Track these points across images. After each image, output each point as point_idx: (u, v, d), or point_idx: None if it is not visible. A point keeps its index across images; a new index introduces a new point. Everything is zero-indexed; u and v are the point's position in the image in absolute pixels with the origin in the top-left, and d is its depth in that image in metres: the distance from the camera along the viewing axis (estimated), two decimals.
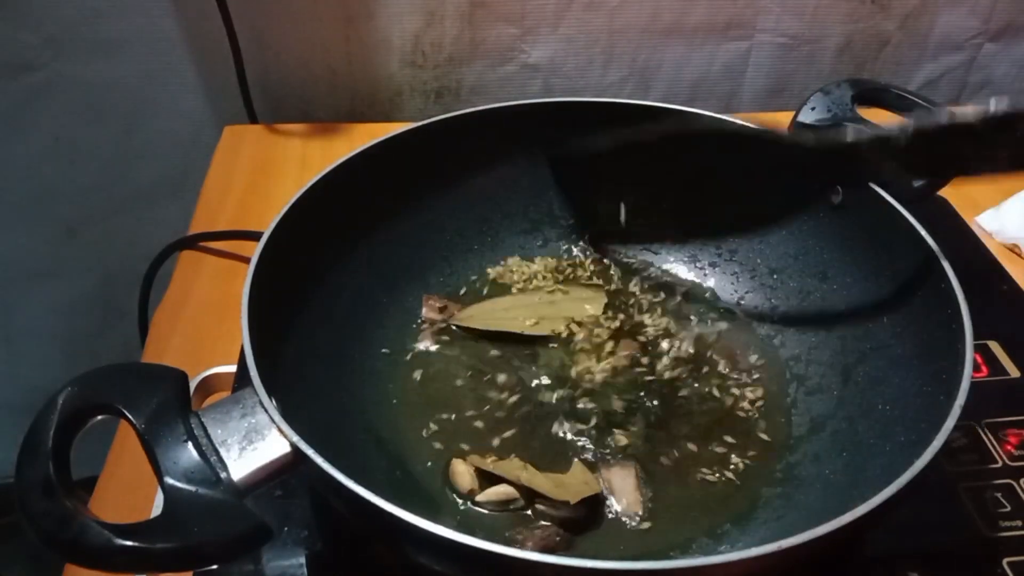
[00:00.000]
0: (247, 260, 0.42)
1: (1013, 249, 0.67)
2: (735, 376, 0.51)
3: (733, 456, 0.46)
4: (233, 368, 0.52)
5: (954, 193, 0.68)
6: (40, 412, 0.34)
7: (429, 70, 0.83)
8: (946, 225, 0.65)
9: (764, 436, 0.48)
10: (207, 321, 0.59)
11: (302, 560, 0.42)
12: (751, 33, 0.84)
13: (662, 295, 0.56)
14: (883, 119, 0.55)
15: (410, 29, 0.80)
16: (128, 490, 0.48)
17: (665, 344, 0.52)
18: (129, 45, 0.79)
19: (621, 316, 0.54)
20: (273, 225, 0.45)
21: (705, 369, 0.51)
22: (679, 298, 0.56)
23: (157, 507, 0.46)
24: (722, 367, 0.51)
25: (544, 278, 0.56)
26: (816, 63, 0.85)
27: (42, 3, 0.76)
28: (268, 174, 0.74)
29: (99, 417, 0.35)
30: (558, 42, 0.82)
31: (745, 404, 0.49)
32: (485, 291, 0.56)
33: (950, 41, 0.87)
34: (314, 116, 0.84)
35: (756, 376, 0.51)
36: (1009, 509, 0.46)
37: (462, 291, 0.56)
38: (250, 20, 0.77)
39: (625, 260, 0.58)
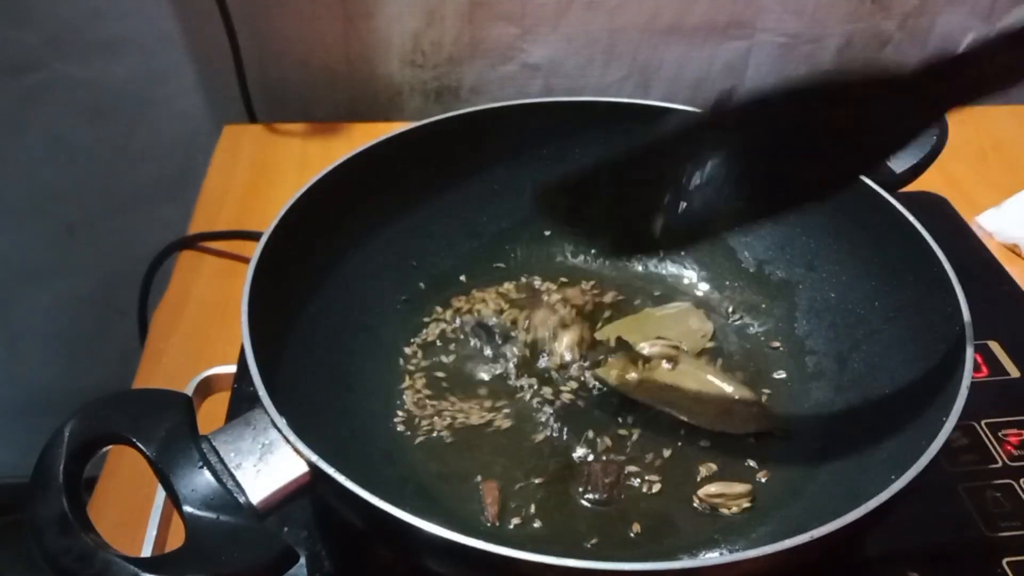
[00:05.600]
0: (247, 260, 0.42)
1: (1013, 249, 0.67)
2: (728, 368, 0.51)
3: (734, 449, 0.46)
4: (233, 368, 0.52)
5: (954, 193, 0.68)
6: (47, 445, 0.33)
7: (429, 70, 0.83)
8: (946, 225, 0.65)
9: (760, 427, 0.47)
10: (207, 321, 0.59)
11: (302, 560, 0.42)
12: (751, 33, 0.84)
13: (652, 292, 0.56)
14: None
15: (410, 29, 0.80)
16: (128, 491, 0.48)
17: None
18: (129, 45, 0.79)
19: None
20: (273, 225, 0.44)
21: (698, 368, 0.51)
22: (668, 293, 0.56)
23: (157, 508, 0.46)
24: (715, 360, 0.51)
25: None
26: (816, 63, 0.85)
27: (42, 3, 0.76)
28: (268, 174, 0.74)
29: (108, 447, 0.35)
30: (558, 42, 0.82)
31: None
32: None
33: (950, 41, 0.87)
34: (314, 116, 0.84)
35: (750, 367, 0.51)
36: (1009, 509, 0.46)
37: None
38: (250, 20, 0.77)
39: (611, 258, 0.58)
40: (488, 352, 0.51)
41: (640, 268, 0.57)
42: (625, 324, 0.53)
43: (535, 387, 0.49)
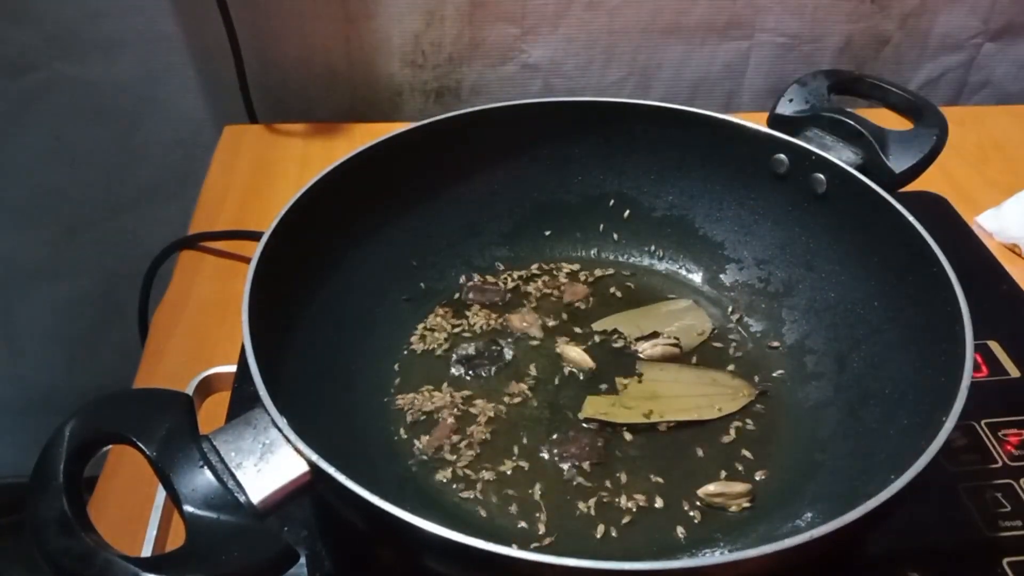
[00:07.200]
0: (247, 260, 0.42)
1: (1013, 249, 0.67)
2: (727, 367, 0.51)
3: (733, 448, 0.46)
4: (233, 368, 0.52)
5: (954, 193, 0.68)
6: (47, 444, 0.33)
7: (429, 70, 0.83)
8: (946, 225, 0.65)
9: (761, 426, 0.48)
10: (207, 321, 0.59)
11: (302, 560, 0.42)
12: (751, 33, 0.84)
13: (652, 290, 0.56)
14: (859, 108, 0.55)
15: (410, 29, 0.80)
16: (128, 491, 0.48)
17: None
18: (129, 45, 0.79)
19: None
20: (273, 225, 0.44)
21: (695, 362, 0.51)
22: (668, 291, 0.56)
23: (157, 508, 0.46)
24: (715, 359, 0.51)
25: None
26: (816, 63, 0.85)
27: (42, 3, 0.76)
28: (268, 174, 0.74)
29: (108, 447, 0.34)
30: (558, 42, 0.82)
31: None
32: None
33: (950, 41, 0.87)
34: (314, 116, 0.84)
35: (749, 366, 0.51)
36: (1009, 509, 0.46)
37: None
38: (250, 20, 0.77)
39: (608, 261, 0.58)
40: (483, 371, 0.51)
41: (641, 266, 0.58)
42: (623, 317, 0.54)
43: (532, 387, 0.50)
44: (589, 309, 0.55)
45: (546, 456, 0.46)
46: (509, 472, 0.45)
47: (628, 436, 0.47)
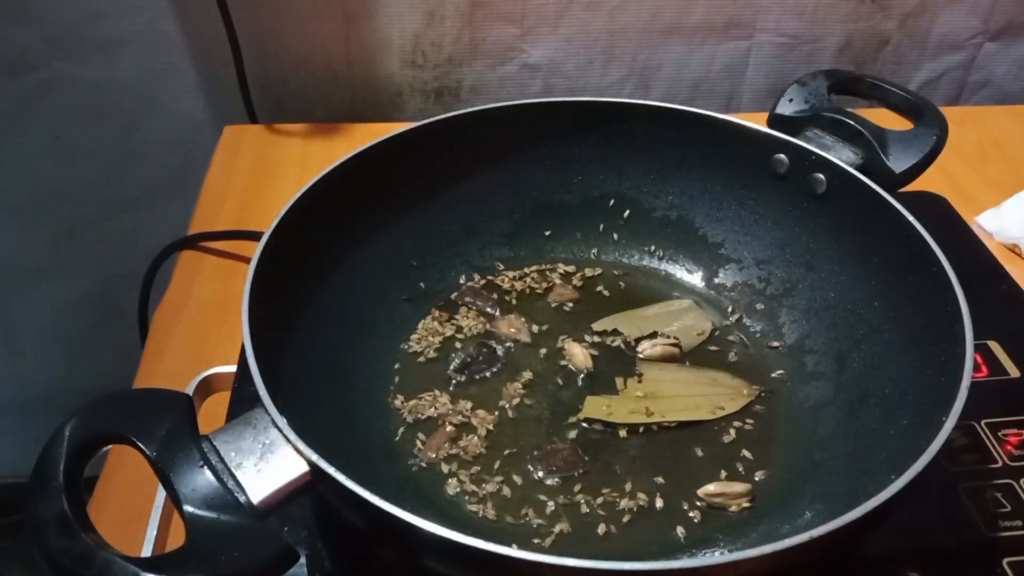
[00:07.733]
0: (247, 260, 0.42)
1: (1013, 249, 0.67)
2: (727, 367, 0.51)
3: (733, 448, 0.46)
4: (233, 368, 0.52)
5: (954, 193, 0.68)
6: (47, 444, 0.33)
7: (429, 70, 0.83)
8: (946, 225, 0.65)
9: (761, 426, 0.48)
10: (207, 321, 0.59)
11: (302, 560, 0.42)
12: (751, 33, 0.84)
13: (652, 291, 0.56)
14: (859, 108, 0.56)
15: (410, 29, 0.80)
16: (128, 491, 0.48)
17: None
18: (129, 45, 0.79)
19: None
20: (273, 225, 0.44)
21: (695, 362, 0.51)
22: (668, 291, 0.56)
23: (157, 508, 0.46)
24: (715, 359, 0.51)
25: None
26: (816, 63, 0.85)
27: (42, 3, 0.76)
28: (268, 174, 0.74)
29: (108, 447, 0.34)
30: (558, 42, 0.83)
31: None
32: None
33: (950, 40, 0.87)
34: (314, 116, 0.84)
35: (749, 366, 0.51)
36: (1009, 509, 0.46)
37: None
38: (250, 20, 0.77)
39: (607, 261, 0.58)
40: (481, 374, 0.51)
41: (640, 267, 0.57)
42: (623, 317, 0.54)
43: (530, 390, 0.50)
44: (587, 309, 0.55)
45: (531, 470, 0.46)
46: (509, 475, 0.45)
47: (623, 434, 0.47)
